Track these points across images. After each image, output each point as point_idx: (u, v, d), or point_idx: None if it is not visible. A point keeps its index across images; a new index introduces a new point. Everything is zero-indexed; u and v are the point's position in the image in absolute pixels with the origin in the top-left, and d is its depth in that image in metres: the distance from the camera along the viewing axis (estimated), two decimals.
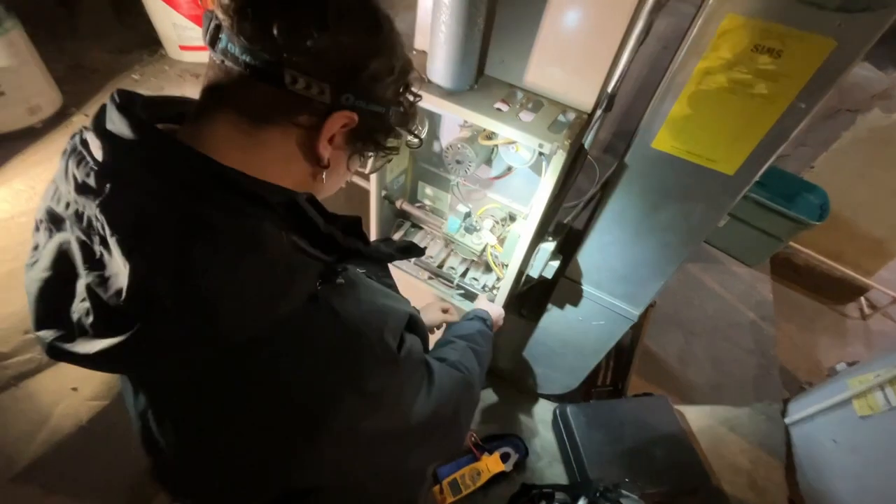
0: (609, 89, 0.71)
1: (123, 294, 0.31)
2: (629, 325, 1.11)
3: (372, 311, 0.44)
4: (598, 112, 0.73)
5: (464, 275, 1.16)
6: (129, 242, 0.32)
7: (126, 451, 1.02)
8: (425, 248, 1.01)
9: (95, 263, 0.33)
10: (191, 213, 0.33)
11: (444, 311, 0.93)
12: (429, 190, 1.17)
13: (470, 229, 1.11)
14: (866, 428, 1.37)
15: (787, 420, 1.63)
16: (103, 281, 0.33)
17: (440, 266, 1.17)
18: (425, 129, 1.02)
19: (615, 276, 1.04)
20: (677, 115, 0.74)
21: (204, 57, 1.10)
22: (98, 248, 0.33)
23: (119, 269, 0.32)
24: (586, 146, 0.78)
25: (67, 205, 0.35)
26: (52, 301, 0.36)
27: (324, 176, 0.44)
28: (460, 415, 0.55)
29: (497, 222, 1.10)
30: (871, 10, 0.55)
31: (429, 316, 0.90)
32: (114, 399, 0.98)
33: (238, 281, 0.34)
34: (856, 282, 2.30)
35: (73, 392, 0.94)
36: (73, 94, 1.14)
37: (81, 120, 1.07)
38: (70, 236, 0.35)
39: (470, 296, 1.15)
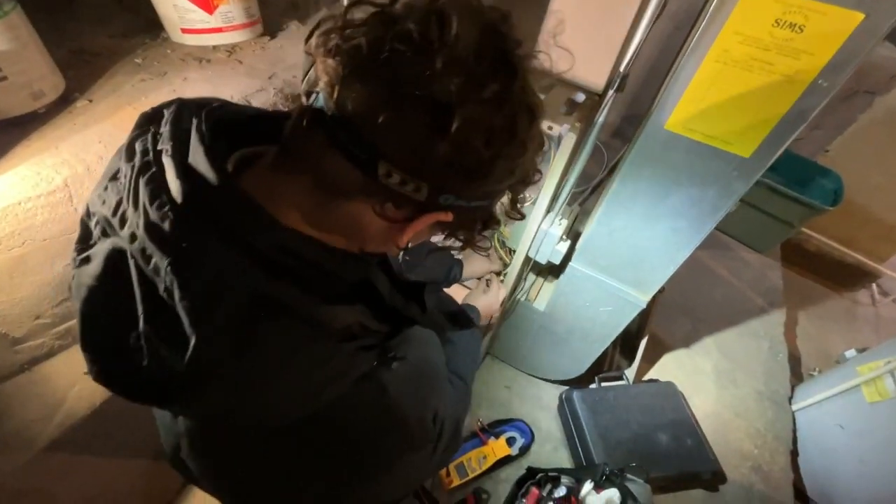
0: (621, 69, 0.69)
1: (185, 359, 0.30)
2: (637, 312, 1.10)
3: (421, 383, 0.43)
4: (610, 93, 0.71)
5: None
6: (197, 313, 0.29)
7: (140, 432, 1.05)
8: (457, 275, 1.00)
9: (155, 312, 0.31)
10: (265, 293, 0.30)
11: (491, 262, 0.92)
12: None
13: None
14: (874, 414, 1.36)
15: (793, 406, 1.63)
16: (163, 334, 0.31)
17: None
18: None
19: (623, 262, 1.03)
20: (692, 96, 0.71)
21: (208, 40, 1.08)
22: (162, 293, 0.30)
23: (179, 328, 0.30)
24: (596, 128, 0.76)
25: (133, 237, 0.31)
26: (101, 317, 0.34)
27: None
28: (460, 428, 0.57)
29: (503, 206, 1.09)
30: None
31: (474, 267, 0.90)
32: None
33: (297, 368, 0.32)
34: (867, 268, 2.27)
35: (85, 376, 0.96)
36: (75, 79, 1.13)
37: (85, 106, 1.06)
38: (128, 254, 0.32)
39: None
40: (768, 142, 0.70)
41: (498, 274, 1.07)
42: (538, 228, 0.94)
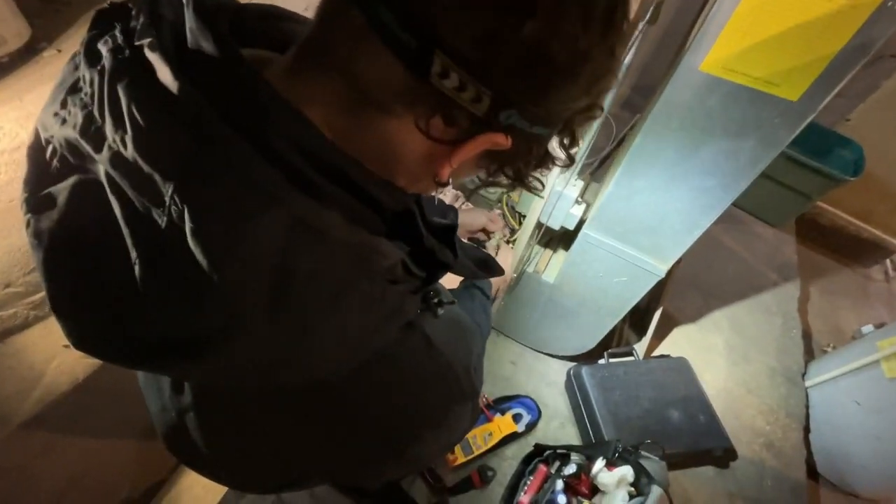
0: None
1: (204, 312, 0.23)
2: (654, 282, 1.03)
3: (459, 336, 0.40)
4: (641, 25, 0.62)
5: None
6: (222, 249, 0.23)
7: (127, 408, 0.99)
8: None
9: (155, 255, 0.24)
10: (305, 220, 0.24)
11: (490, 220, 0.88)
12: None
13: None
14: (894, 390, 1.31)
15: (807, 382, 1.58)
16: (170, 281, 0.24)
17: None
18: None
19: (642, 228, 0.95)
20: (734, 28, 0.62)
21: None
22: (167, 231, 0.23)
23: (198, 270, 0.23)
24: (623, 67, 0.68)
25: (118, 157, 0.23)
26: (75, 271, 0.26)
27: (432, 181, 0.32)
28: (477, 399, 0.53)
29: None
30: None
31: (467, 218, 0.84)
32: None
33: (344, 316, 0.26)
34: (883, 243, 2.20)
35: (65, 349, 0.90)
36: (42, 28, 1.02)
37: (54, 56, 0.96)
38: (106, 185, 0.24)
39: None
40: (820, 82, 0.62)
41: (508, 242, 0.99)
42: (551, 189, 0.86)
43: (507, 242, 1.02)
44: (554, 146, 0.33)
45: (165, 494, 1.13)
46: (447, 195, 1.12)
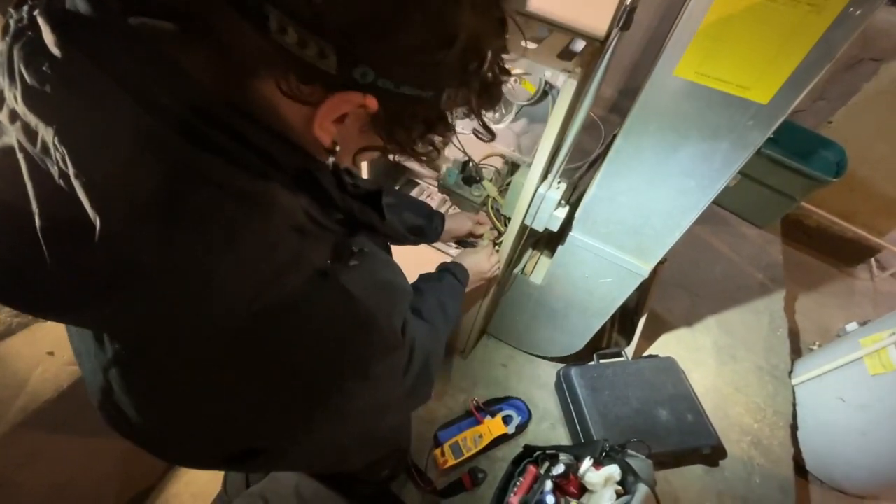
0: (627, 1, 0.62)
1: (95, 258, 0.24)
2: (638, 283, 1.05)
3: (382, 290, 0.40)
4: (615, 32, 0.64)
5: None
6: (105, 191, 0.24)
7: None
8: (438, 227, 0.91)
9: (53, 206, 0.25)
10: (186, 162, 0.24)
11: (478, 222, 0.89)
12: None
13: (469, 180, 1.03)
14: (877, 386, 1.33)
15: (793, 380, 1.60)
16: (66, 229, 0.25)
17: None
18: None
19: (625, 229, 0.97)
20: (705, 35, 0.64)
21: None
22: (59, 180, 0.24)
23: (88, 216, 0.24)
24: (600, 74, 0.69)
25: (14, 115, 0.25)
26: None
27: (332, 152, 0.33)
28: (430, 369, 0.53)
29: (498, 170, 1.02)
30: None
31: (454, 223, 0.84)
32: None
33: (239, 256, 0.27)
34: (867, 243, 2.24)
35: (49, 356, 0.89)
36: None
37: None
38: (12, 143, 0.26)
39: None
40: (789, 85, 0.64)
41: (494, 244, 1.01)
42: (535, 192, 0.88)
43: (494, 244, 1.03)
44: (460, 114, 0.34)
45: (153, 503, 1.12)
46: (434, 199, 1.12)
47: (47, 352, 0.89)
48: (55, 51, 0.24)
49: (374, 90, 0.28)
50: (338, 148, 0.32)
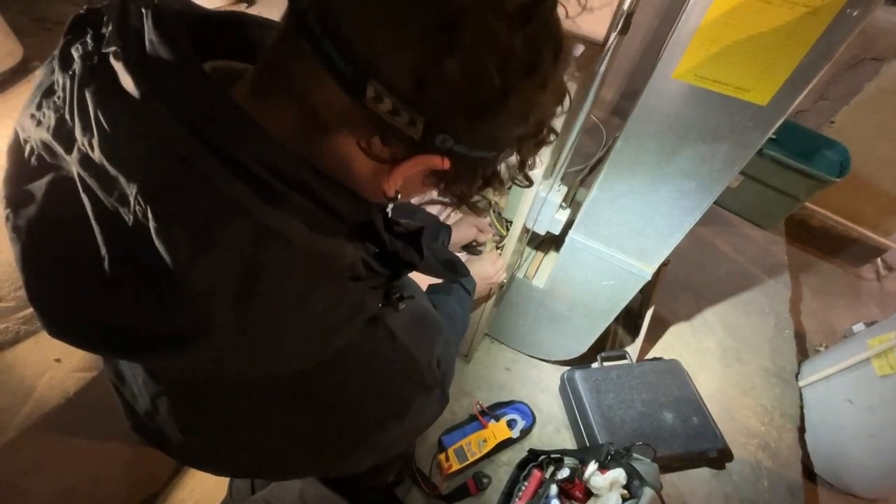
0: (625, 7, 0.62)
1: (172, 310, 0.25)
2: (641, 285, 1.05)
3: (423, 329, 0.41)
4: (613, 36, 0.64)
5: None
6: (188, 250, 0.24)
7: (118, 422, 0.99)
8: (445, 241, 0.91)
9: (124, 253, 0.25)
10: (268, 226, 0.25)
11: (480, 230, 0.87)
12: None
13: None
14: (886, 388, 1.32)
15: (800, 382, 1.59)
16: (138, 277, 0.25)
17: None
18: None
19: (627, 231, 0.97)
20: (703, 37, 0.65)
21: None
22: (129, 220, 0.24)
23: (165, 267, 0.25)
24: (598, 78, 0.70)
25: (87, 160, 0.25)
26: (51, 262, 0.27)
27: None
28: (447, 387, 0.54)
29: (510, 167, 1.02)
30: None
31: (459, 233, 0.85)
32: (101, 370, 0.93)
33: (309, 314, 0.28)
34: (873, 242, 2.22)
35: (56, 363, 0.90)
36: (34, 48, 1.04)
37: None
38: (78, 183, 0.26)
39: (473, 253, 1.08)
40: (788, 86, 0.64)
41: (497, 247, 1.01)
42: (535, 195, 0.88)
43: (497, 248, 1.04)
44: (505, 168, 0.35)
45: None
46: (434, 206, 1.13)
47: (54, 358, 0.90)
48: (139, 100, 0.24)
49: (450, 154, 0.29)
50: (399, 196, 0.33)
